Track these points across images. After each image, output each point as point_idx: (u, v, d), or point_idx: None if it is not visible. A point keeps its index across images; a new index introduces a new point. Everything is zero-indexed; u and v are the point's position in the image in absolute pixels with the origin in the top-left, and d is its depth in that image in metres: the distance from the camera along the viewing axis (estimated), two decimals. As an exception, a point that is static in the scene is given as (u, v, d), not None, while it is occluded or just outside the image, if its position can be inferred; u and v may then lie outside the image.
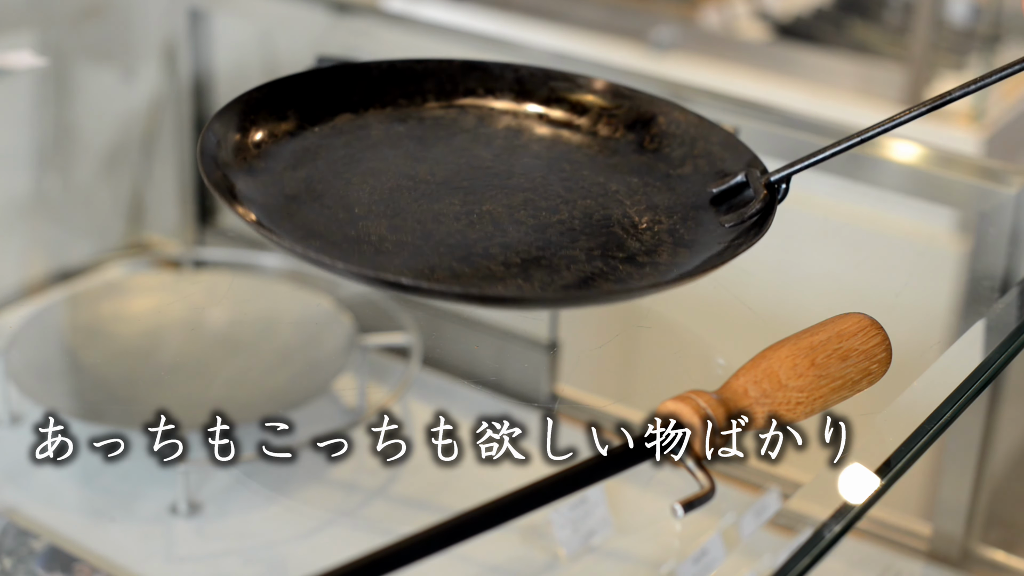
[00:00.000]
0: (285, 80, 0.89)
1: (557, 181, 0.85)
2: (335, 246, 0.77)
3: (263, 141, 0.85)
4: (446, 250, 0.77)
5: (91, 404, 1.11)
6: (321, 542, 1.02)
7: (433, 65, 0.93)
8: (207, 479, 1.07)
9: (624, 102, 0.91)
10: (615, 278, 0.76)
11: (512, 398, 1.09)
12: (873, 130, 0.79)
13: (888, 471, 0.72)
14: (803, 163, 0.80)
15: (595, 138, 0.90)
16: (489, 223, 0.80)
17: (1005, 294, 0.93)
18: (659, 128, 0.89)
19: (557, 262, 0.77)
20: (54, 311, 1.23)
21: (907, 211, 1.18)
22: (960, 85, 0.78)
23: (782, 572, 0.66)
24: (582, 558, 1.00)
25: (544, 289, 0.74)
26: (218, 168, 0.80)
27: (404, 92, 0.92)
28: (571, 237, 0.79)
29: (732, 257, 0.76)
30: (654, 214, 0.82)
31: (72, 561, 0.98)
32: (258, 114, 0.86)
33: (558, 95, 0.93)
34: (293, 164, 0.84)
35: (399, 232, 0.78)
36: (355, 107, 0.90)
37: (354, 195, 0.82)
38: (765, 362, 0.71)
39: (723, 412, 0.68)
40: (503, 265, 0.76)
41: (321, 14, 1.34)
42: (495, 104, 0.93)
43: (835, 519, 0.69)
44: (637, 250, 0.79)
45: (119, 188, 1.38)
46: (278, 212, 0.80)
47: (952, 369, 0.81)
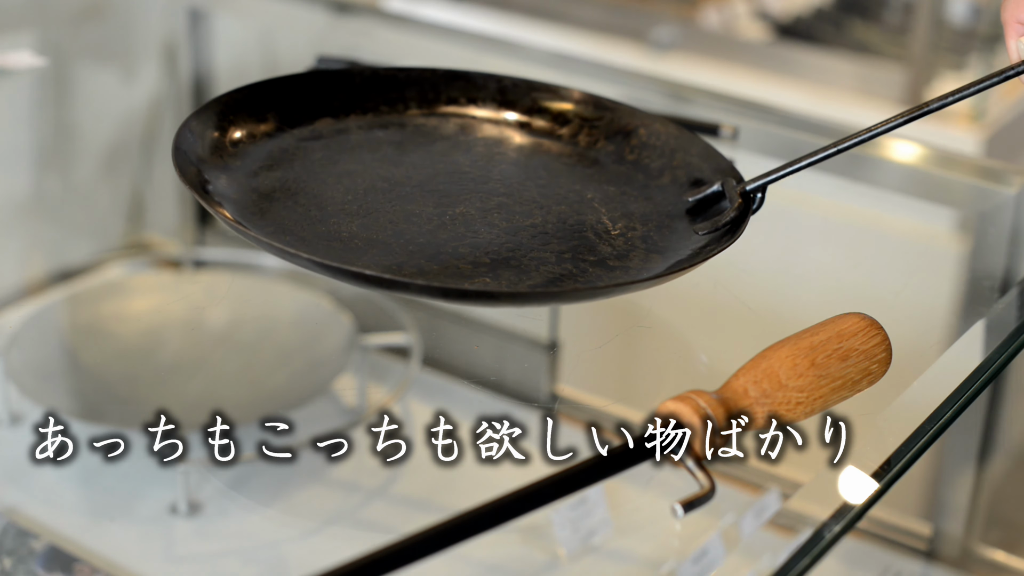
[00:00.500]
0: (267, 83, 0.89)
1: (534, 187, 0.85)
2: (304, 241, 0.78)
3: (240, 140, 0.86)
4: (416, 248, 0.77)
5: (91, 404, 1.11)
6: (321, 542, 1.02)
7: (416, 74, 0.93)
8: (207, 479, 1.07)
9: (605, 113, 0.92)
10: (584, 280, 0.76)
11: (512, 398, 1.09)
12: (848, 141, 0.80)
13: (888, 471, 0.72)
14: (778, 173, 0.81)
15: (575, 148, 0.91)
16: (461, 225, 0.80)
17: (1005, 294, 0.93)
18: (639, 139, 0.90)
19: (527, 263, 0.77)
20: (54, 311, 1.23)
21: (907, 211, 1.17)
22: (937, 97, 0.79)
23: (782, 572, 0.66)
24: (582, 558, 1.00)
25: (511, 287, 0.75)
26: (191, 163, 0.81)
27: (386, 99, 0.93)
28: (543, 240, 0.80)
29: (702, 261, 0.76)
30: (628, 221, 0.83)
31: (72, 561, 0.98)
32: (237, 114, 0.86)
33: (540, 105, 0.93)
34: (269, 164, 0.85)
35: (370, 230, 0.79)
36: (336, 112, 0.91)
37: (328, 194, 0.82)
38: (765, 362, 0.71)
39: (723, 412, 0.68)
40: (471, 264, 0.76)
41: (321, 14, 1.34)
42: (477, 113, 0.93)
43: (835, 519, 0.69)
44: (608, 254, 0.79)
45: (119, 188, 1.38)
46: (250, 207, 0.80)
47: (952, 369, 0.81)
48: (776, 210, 0.81)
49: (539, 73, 1.25)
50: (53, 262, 1.32)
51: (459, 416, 0.76)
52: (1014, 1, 0.74)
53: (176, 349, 1.19)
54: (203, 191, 0.79)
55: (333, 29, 1.33)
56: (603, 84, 1.22)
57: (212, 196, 0.79)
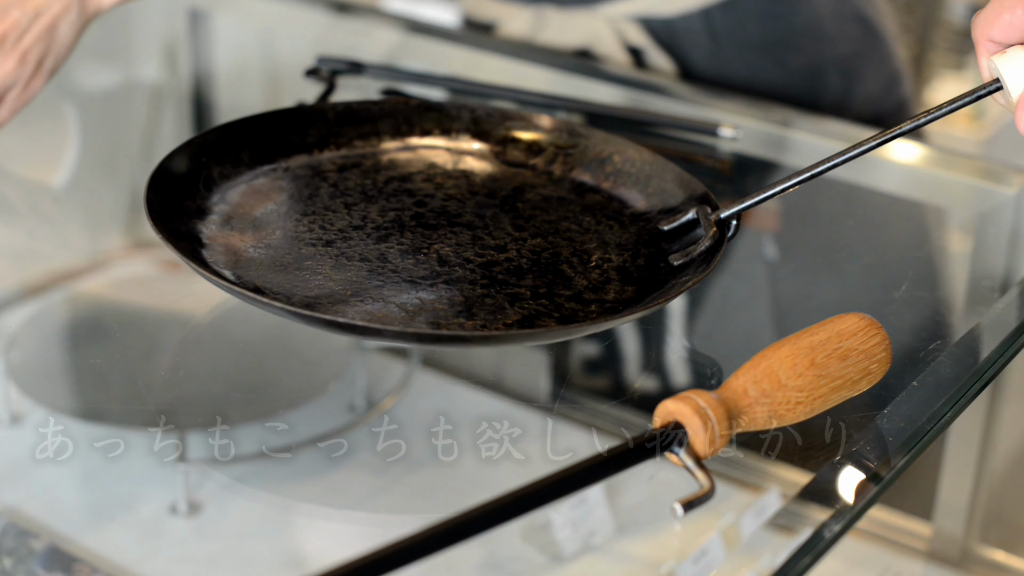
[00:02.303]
0: (240, 122, 0.90)
1: (508, 220, 0.86)
2: (276, 286, 0.78)
3: (215, 182, 0.86)
4: (390, 291, 0.77)
5: (91, 404, 1.12)
6: (321, 542, 1.02)
7: (389, 106, 0.94)
8: (207, 479, 1.07)
9: (580, 141, 0.93)
10: (559, 315, 0.76)
11: (512, 398, 1.09)
12: (819, 167, 0.80)
13: (888, 471, 0.72)
14: (751, 200, 0.81)
15: (550, 177, 0.92)
16: (436, 262, 0.80)
17: (1005, 294, 0.93)
18: (614, 166, 0.91)
19: (501, 300, 0.77)
20: (54, 311, 1.23)
21: (907, 211, 1.17)
22: (910, 119, 0.79)
23: (782, 572, 0.67)
24: (582, 558, 1.00)
25: (484, 328, 0.75)
26: (164, 208, 0.81)
27: (360, 133, 0.93)
28: (518, 275, 0.79)
29: (678, 294, 0.77)
30: (604, 252, 0.83)
31: (72, 561, 0.98)
32: (211, 155, 0.87)
33: (514, 135, 0.94)
34: (243, 204, 0.85)
35: (344, 271, 0.79)
36: (310, 148, 0.91)
37: (302, 235, 0.83)
38: (765, 362, 0.71)
39: (723, 412, 0.68)
40: (447, 304, 0.76)
41: (321, 14, 1.34)
42: (451, 144, 0.94)
43: (835, 519, 0.69)
44: (584, 287, 0.79)
45: (119, 188, 1.38)
46: (222, 251, 0.80)
47: (952, 369, 0.81)
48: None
49: (539, 72, 1.25)
50: (53, 262, 1.31)
51: (459, 416, 0.76)
52: (984, 19, 0.74)
53: (176, 349, 1.19)
54: (174, 238, 0.79)
55: (333, 29, 1.33)
56: (603, 83, 1.23)
57: (182, 241, 0.80)
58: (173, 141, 0.88)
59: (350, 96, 1.01)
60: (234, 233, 0.83)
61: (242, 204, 0.85)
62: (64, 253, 1.34)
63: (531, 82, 1.19)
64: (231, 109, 1.39)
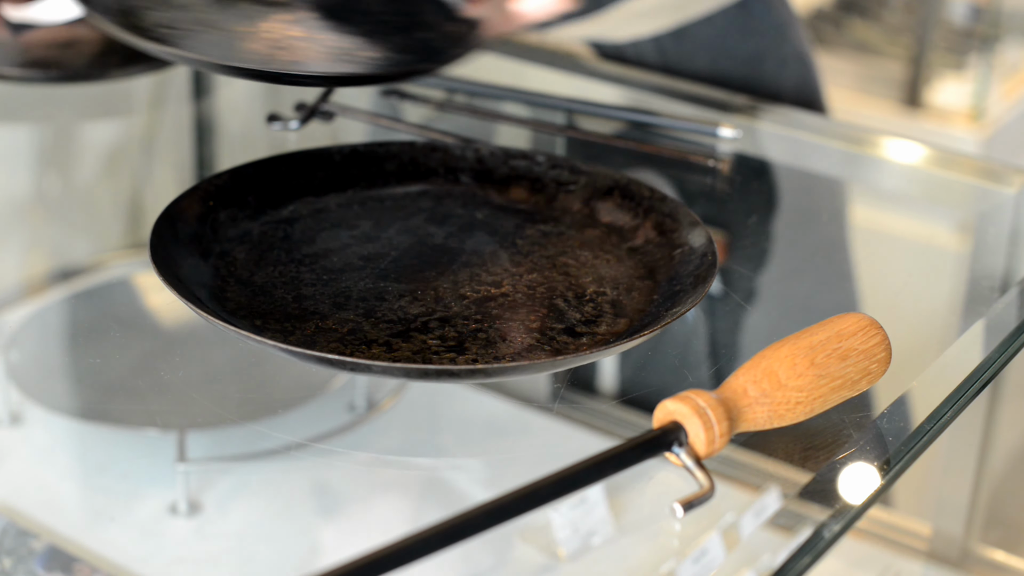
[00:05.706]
0: (247, 167, 0.92)
1: (506, 257, 0.88)
2: (275, 324, 0.80)
3: (220, 225, 0.89)
4: (385, 326, 0.79)
5: (91, 404, 1.12)
6: (321, 542, 1.03)
7: (395, 148, 0.96)
8: (207, 479, 1.07)
9: (580, 177, 0.95)
10: (550, 349, 0.78)
11: (512, 398, 1.09)
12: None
13: (888, 471, 0.73)
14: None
15: (551, 213, 0.94)
16: (432, 299, 0.82)
17: (1005, 294, 0.93)
18: (614, 202, 0.93)
19: (493, 335, 0.78)
20: (54, 311, 1.23)
21: (907, 211, 1.18)
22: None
23: (782, 572, 0.67)
24: (582, 558, 1.00)
25: (475, 362, 0.77)
26: (168, 251, 0.83)
27: (365, 175, 0.95)
28: (512, 310, 0.81)
29: (667, 324, 0.78)
30: (599, 286, 0.85)
31: (72, 561, 0.98)
32: (217, 199, 0.89)
33: (517, 173, 0.95)
34: (248, 248, 0.87)
35: (342, 310, 0.81)
36: (316, 191, 0.94)
37: (304, 276, 0.86)
38: (765, 362, 0.71)
39: (723, 412, 0.68)
40: (439, 339, 0.77)
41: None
42: (455, 184, 0.96)
43: (835, 519, 0.69)
44: (576, 321, 0.81)
45: (119, 188, 1.38)
46: (224, 292, 0.83)
47: (952, 369, 0.81)
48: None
49: (539, 72, 1.25)
50: (53, 262, 1.32)
51: (459, 416, 0.76)
52: None
53: (176, 349, 1.19)
54: (176, 280, 0.81)
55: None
56: (603, 83, 1.23)
57: (185, 283, 0.82)
58: (173, 141, 0.89)
59: (350, 97, 1.01)
60: (236, 276, 0.85)
61: (247, 248, 0.88)
62: (64, 253, 1.34)
63: (531, 82, 1.19)
64: (231, 110, 1.39)
